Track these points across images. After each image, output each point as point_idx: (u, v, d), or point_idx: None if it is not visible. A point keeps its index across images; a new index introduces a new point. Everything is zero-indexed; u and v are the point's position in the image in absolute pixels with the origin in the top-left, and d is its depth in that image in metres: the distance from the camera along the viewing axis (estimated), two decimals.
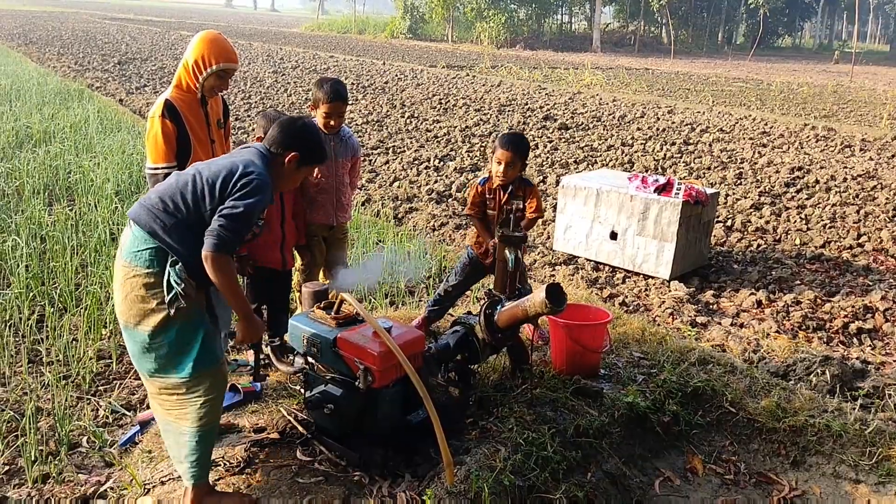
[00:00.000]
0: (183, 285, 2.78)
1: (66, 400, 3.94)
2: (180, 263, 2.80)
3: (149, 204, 2.86)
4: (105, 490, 3.23)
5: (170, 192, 2.86)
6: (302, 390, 3.57)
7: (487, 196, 4.44)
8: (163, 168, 3.73)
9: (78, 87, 15.65)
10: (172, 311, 2.81)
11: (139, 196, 7.26)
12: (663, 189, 6.26)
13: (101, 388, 4.15)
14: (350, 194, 4.60)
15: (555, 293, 3.27)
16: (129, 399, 4.04)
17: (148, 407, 3.88)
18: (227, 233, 2.75)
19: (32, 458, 3.38)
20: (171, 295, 2.79)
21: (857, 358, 5.03)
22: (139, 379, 4.20)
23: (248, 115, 13.54)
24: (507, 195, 4.34)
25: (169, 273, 2.79)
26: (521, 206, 4.38)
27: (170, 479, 3.21)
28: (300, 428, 3.55)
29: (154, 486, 3.19)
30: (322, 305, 3.49)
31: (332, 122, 4.29)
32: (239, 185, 2.81)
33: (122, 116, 12.46)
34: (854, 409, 4.05)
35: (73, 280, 5.34)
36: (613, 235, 6.53)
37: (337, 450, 3.38)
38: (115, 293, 2.96)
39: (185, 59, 3.85)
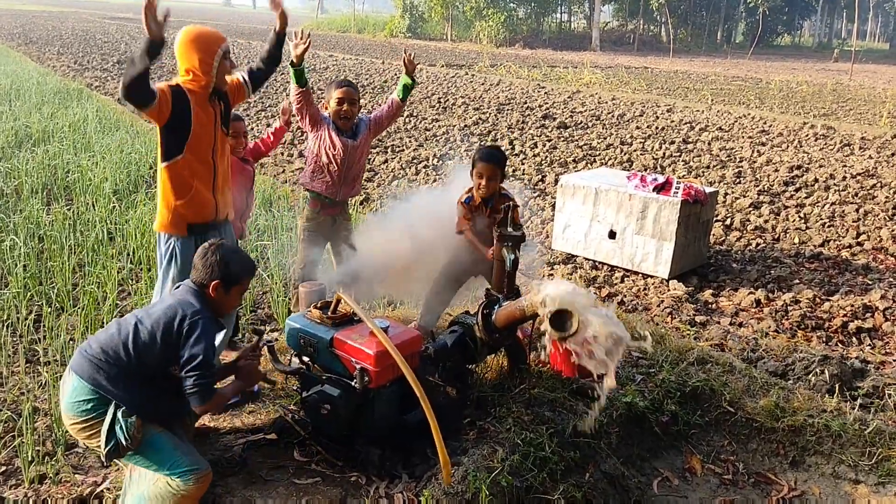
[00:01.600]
0: (130, 432, 2.84)
1: None
2: (124, 409, 2.86)
3: (90, 355, 2.91)
4: (102, 491, 3.21)
5: (112, 343, 2.92)
6: (299, 391, 3.56)
7: (473, 216, 4.40)
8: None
9: (77, 87, 15.63)
10: (107, 461, 2.92)
11: (137, 196, 7.27)
12: (662, 188, 6.25)
13: None
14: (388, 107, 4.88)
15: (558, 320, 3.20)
16: None
17: None
18: (201, 382, 2.87)
19: (29, 459, 3.37)
20: (109, 446, 2.85)
21: (856, 357, 5.01)
22: None
23: (247, 115, 13.53)
24: (489, 209, 4.31)
25: (114, 420, 2.84)
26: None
27: None
28: (297, 428, 3.53)
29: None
30: (318, 305, 3.48)
31: (345, 108, 4.60)
32: (185, 331, 2.90)
33: (120, 116, 12.44)
34: (853, 408, 4.04)
35: (71, 280, 5.33)
36: (612, 234, 6.52)
37: (334, 450, 3.37)
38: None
39: (183, 67, 3.77)
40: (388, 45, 39.50)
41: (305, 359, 3.44)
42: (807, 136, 14.15)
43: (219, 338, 3.00)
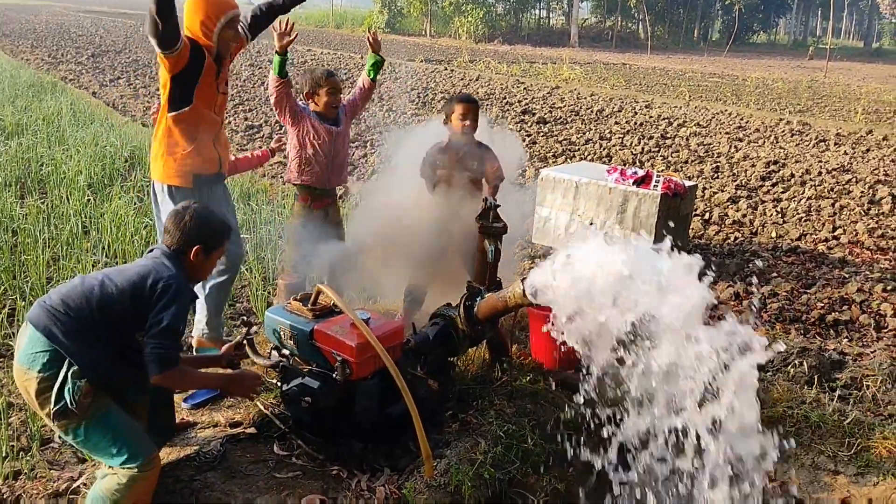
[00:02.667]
0: (77, 396, 2.69)
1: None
2: (77, 368, 2.71)
3: (49, 305, 2.76)
4: (78, 486, 3.15)
5: (74, 296, 2.77)
6: (278, 384, 3.52)
7: (441, 155, 4.51)
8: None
9: (51, 80, 15.40)
10: (63, 421, 2.74)
11: (112, 189, 7.17)
12: (642, 181, 6.26)
13: None
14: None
15: None
16: None
17: None
18: (163, 351, 2.74)
19: (3, 454, 3.30)
20: (58, 406, 2.71)
21: (834, 349, 5.06)
22: None
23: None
24: (463, 151, 4.44)
25: (66, 381, 2.70)
26: (481, 169, 4.53)
27: None
28: (277, 422, 3.50)
29: None
30: (298, 297, 3.44)
31: (336, 99, 4.62)
32: (157, 294, 2.76)
33: (95, 109, 12.28)
34: (832, 400, 4.07)
35: (45, 273, 5.23)
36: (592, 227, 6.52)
37: (314, 444, 3.33)
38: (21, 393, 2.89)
39: (187, 26, 3.75)
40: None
41: (285, 351, 3.40)
42: (783, 132, 14.28)
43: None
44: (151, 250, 3.02)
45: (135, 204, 6.73)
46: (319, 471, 3.20)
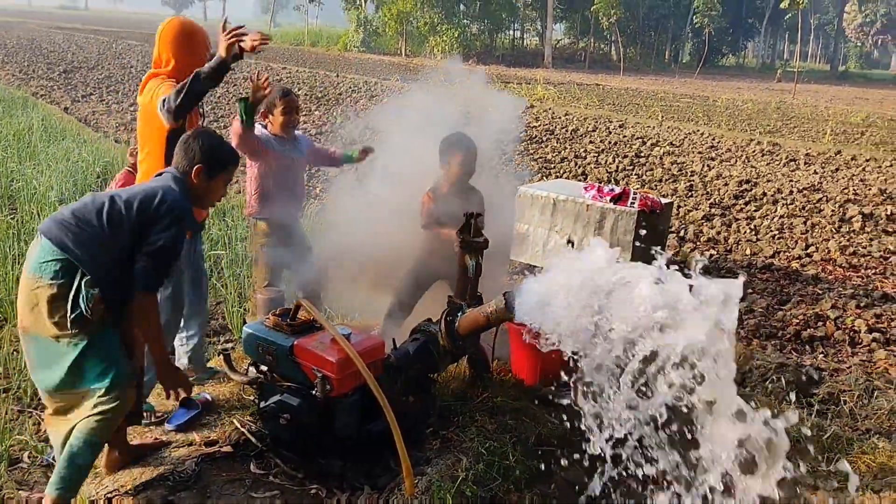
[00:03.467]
0: (91, 304, 2.77)
1: (6, 413, 3.73)
2: (89, 279, 2.78)
3: (60, 218, 2.85)
4: None
5: (84, 210, 2.87)
6: (256, 401, 3.45)
7: (438, 204, 4.43)
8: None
9: (22, 95, 15.20)
10: (75, 330, 2.80)
11: None
12: (619, 198, 6.28)
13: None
14: (331, 155, 4.90)
15: None
16: None
17: None
18: (152, 270, 2.85)
19: None
20: (74, 314, 2.78)
21: (810, 365, 5.09)
22: None
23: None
24: (458, 200, 4.35)
25: (79, 289, 2.77)
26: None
27: (116, 494, 3.06)
28: (254, 440, 3.43)
29: (99, 502, 3.03)
30: (277, 312, 3.38)
31: (292, 118, 4.51)
32: (161, 213, 2.86)
33: (66, 125, 12.12)
34: (811, 415, 4.09)
35: (14, 290, 5.10)
36: (570, 244, 6.53)
37: (293, 462, 3.27)
38: (19, 305, 2.91)
39: (174, 56, 3.73)
40: (343, 59, 39.38)
41: (263, 368, 3.34)
42: (754, 151, 14.49)
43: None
44: (161, 173, 3.10)
45: None
46: (298, 490, 3.14)
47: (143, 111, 3.73)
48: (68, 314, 2.77)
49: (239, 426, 3.54)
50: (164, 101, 3.49)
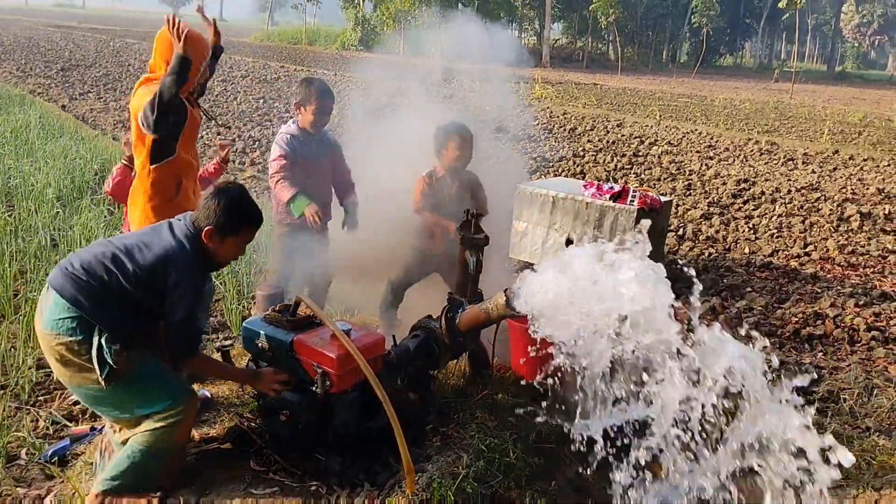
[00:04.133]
0: (115, 357, 2.77)
1: (3, 410, 3.72)
2: (107, 335, 2.77)
3: (70, 271, 2.81)
4: (45, 503, 3.04)
5: (94, 264, 2.83)
6: (255, 397, 3.44)
7: (434, 189, 4.43)
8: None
9: (19, 93, 15.15)
10: (110, 382, 2.80)
11: (81, 202, 7.03)
12: (618, 196, 6.28)
13: (40, 398, 3.94)
14: (339, 186, 4.63)
15: None
16: (70, 409, 3.84)
17: (93, 418, 3.71)
18: (184, 341, 2.87)
19: None
20: (105, 372, 2.78)
21: (810, 363, 5.09)
22: None
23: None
24: (455, 185, 4.36)
25: (99, 346, 2.76)
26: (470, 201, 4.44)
27: None
28: (253, 437, 3.41)
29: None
30: (277, 308, 3.37)
31: (322, 119, 4.43)
32: (169, 285, 2.82)
33: (64, 122, 12.09)
34: (811, 413, 4.07)
35: (12, 287, 5.09)
36: (569, 242, 6.52)
37: (292, 459, 3.25)
38: (48, 359, 2.90)
39: (162, 62, 3.68)
40: (340, 58, 39.32)
41: (263, 364, 3.32)
42: (752, 151, 14.49)
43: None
44: (180, 219, 3.03)
45: (105, 217, 6.60)
46: (297, 486, 3.12)
47: (133, 116, 3.71)
48: (98, 373, 2.77)
49: (238, 423, 3.52)
50: (142, 117, 3.48)
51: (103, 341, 2.75)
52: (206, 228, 2.93)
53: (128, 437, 2.95)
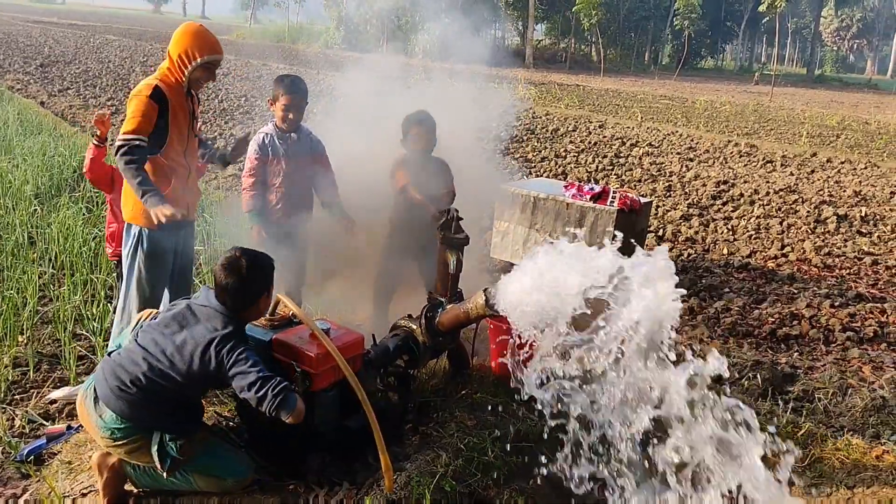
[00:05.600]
0: (179, 452, 2.85)
1: None
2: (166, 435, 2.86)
3: (115, 384, 2.83)
4: (21, 503, 3.02)
5: (142, 377, 2.81)
6: (234, 396, 3.43)
7: (408, 171, 4.49)
8: (133, 139, 3.54)
9: None
10: (177, 473, 2.91)
11: (60, 199, 6.97)
12: (599, 197, 6.32)
13: (17, 396, 3.91)
14: (322, 190, 4.55)
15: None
16: (46, 409, 3.80)
17: (69, 416, 3.68)
18: (275, 395, 2.75)
19: None
20: (168, 464, 2.85)
21: (785, 363, 5.15)
22: (58, 388, 3.98)
23: None
24: (425, 168, 4.46)
25: (162, 443, 2.84)
26: (438, 186, 4.49)
27: (91, 489, 3.03)
28: (232, 436, 3.40)
29: (75, 499, 3.00)
30: None
31: (290, 116, 4.35)
32: (222, 365, 2.79)
33: (43, 118, 11.97)
34: (786, 411, 4.13)
35: None
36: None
37: (271, 457, 3.25)
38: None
39: (169, 52, 3.75)
40: (324, 56, 39.18)
41: None
42: (731, 153, 14.61)
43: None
44: (205, 305, 2.96)
45: (83, 214, 6.55)
46: (276, 484, 3.12)
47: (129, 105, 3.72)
48: (160, 467, 2.85)
49: (217, 421, 3.52)
50: (116, 148, 3.57)
51: (165, 438, 2.83)
52: (263, 296, 3.00)
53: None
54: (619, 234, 3.01)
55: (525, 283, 2.94)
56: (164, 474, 2.87)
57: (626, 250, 2.99)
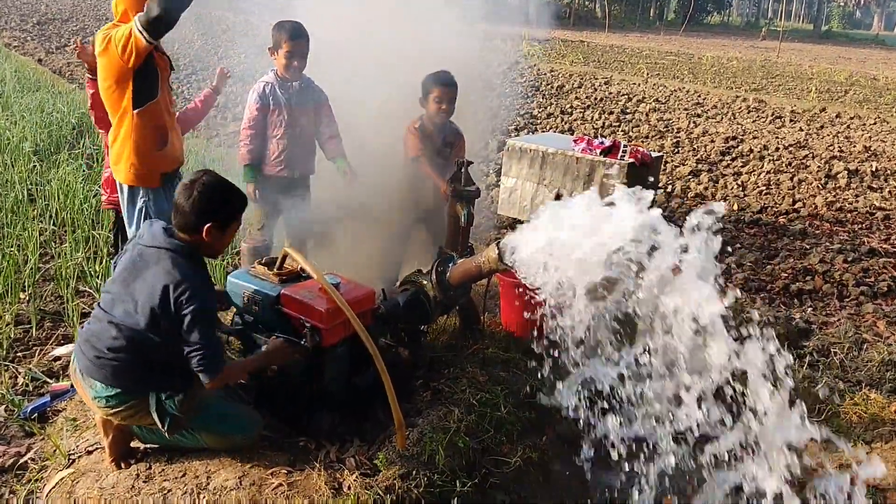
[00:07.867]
0: (179, 409, 2.75)
1: None
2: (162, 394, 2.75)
3: (92, 355, 2.69)
4: (26, 461, 2.97)
5: (107, 340, 2.67)
6: (241, 352, 3.36)
7: (422, 140, 4.29)
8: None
9: None
10: (180, 430, 2.82)
11: (59, 156, 6.84)
12: (609, 151, 6.19)
13: (19, 354, 3.84)
14: (325, 142, 4.39)
15: None
16: (50, 366, 3.74)
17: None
18: (205, 362, 2.64)
19: None
20: (168, 423, 2.76)
21: (800, 318, 5.07)
22: (62, 345, 3.92)
23: (177, 77, 12.96)
24: (441, 139, 4.23)
25: (158, 400, 2.74)
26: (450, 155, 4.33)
27: (97, 447, 2.96)
28: (241, 393, 3.33)
29: (80, 457, 2.94)
30: (264, 261, 3.27)
31: (295, 63, 4.17)
32: (179, 316, 2.60)
33: (41, 76, 11.78)
34: (802, 367, 4.06)
35: None
36: (559, 198, 6.44)
37: (281, 414, 3.18)
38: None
39: (122, 8, 3.58)
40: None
41: (249, 318, 3.24)
42: (739, 108, 14.40)
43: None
44: (149, 246, 2.72)
45: (83, 171, 6.43)
46: (286, 442, 3.06)
47: (101, 71, 3.56)
48: (161, 426, 2.76)
49: None
50: (143, 20, 3.34)
51: (161, 398, 2.73)
52: (208, 226, 2.69)
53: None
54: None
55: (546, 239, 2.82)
56: (167, 434, 2.79)
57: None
